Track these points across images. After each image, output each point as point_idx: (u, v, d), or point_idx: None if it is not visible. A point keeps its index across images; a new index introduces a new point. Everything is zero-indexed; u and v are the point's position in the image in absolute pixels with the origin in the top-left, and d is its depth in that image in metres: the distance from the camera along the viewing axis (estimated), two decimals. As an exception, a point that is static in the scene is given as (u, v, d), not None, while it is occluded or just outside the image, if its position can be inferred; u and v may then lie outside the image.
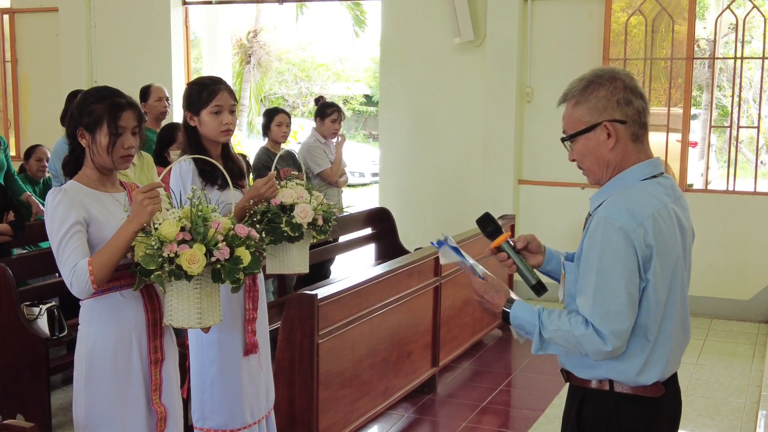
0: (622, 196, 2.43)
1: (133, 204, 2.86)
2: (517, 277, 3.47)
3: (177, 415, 3.17)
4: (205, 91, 3.55)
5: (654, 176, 2.49)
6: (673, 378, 2.58)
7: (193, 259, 2.73)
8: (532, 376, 6.09)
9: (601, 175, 2.52)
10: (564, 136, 2.57)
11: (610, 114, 2.46)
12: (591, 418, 2.52)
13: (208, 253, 2.77)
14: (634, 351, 2.43)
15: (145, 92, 6.79)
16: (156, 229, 2.78)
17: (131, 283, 2.90)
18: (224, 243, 2.81)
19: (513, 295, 2.58)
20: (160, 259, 2.72)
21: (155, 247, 2.73)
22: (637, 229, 2.34)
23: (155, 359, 3.05)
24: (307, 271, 3.72)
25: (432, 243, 2.75)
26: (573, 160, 2.59)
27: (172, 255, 2.72)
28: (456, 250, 2.65)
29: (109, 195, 3.00)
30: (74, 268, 2.81)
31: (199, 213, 2.82)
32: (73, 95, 5.91)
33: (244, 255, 2.85)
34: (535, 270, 2.71)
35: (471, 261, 2.68)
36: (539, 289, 2.64)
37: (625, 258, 2.33)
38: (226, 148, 3.68)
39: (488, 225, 2.71)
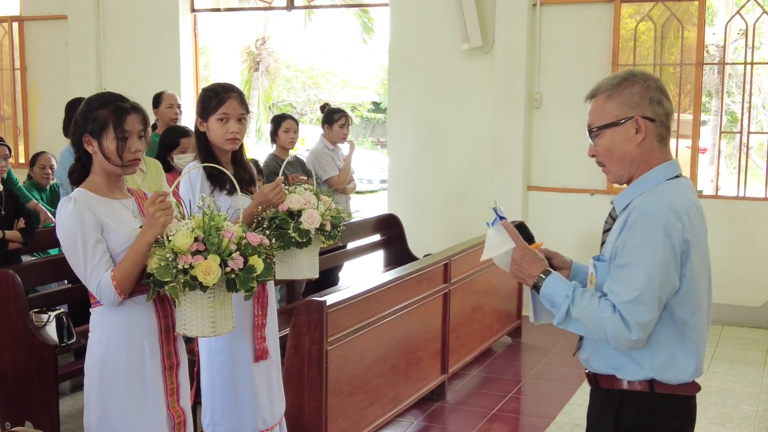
0: (657, 192, 2.46)
1: (146, 216, 2.86)
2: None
3: (189, 421, 3.16)
4: (214, 98, 3.57)
5: (677, 176, 2.54)
6: None
7: (209, 270, 2.72)
8: (542, 384, 6.06)
9: (623, 172, 2.54)
10: (591, 128, 2.57)
11: (642, 110, 2.50)
12: (630, 422, 2.52)
13: (223, 264, 2.76)
14: (676, 347, 2.46)
15: (158, 99, 6.84)
16: (169, 240, 2.76)
17: (143, 289, 2.89)
18: (238, 252, 2.80)
19: (551, 270, 2.57)
20: (175, 271, 2.72)
21: (169, 258, 2.72)
22: (676, 224, 2.38)
23: (170, 364, 3.04)
24: (316, 276, 3.70)
25: (496, 214, 2.70)
26: (593, 156, 2.59)
27: (186, 266, 2.72)
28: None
29: (117, 202, 2.99)
30: (99, 284, 2.85)
31: (212, 223, 2.82)
32: (72, 104, 5.89)
33: (258, 263, 2.85)
34: None
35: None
36: None
37: (662, 253, 2.36)
38: (237, 153, 3.68)
39: (522, 234, 2.72)
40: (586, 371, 2.64)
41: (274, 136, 6.66)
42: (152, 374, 2.99)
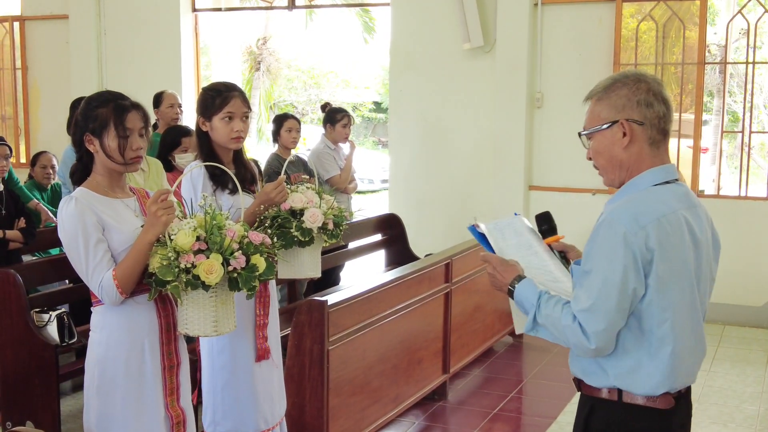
0: (630, 200, 2.43)
1: (147, 215, 2.85)
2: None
3: (190, 421, 3.15)
4: (218, 98, 3.55)
5: (667, 182, 2.47)
6: (686, 392, 2.54)
7: (211, 269, 2.72)
8: (543, 384, 6.05)
9: (613, 176, 2.51)
10: (581, 132, 2.56)
11: (629, 113, 2.44)
12: (599, 429, 2.50)
13: (225, 263, 2.76)
14: (641, 358, 2.41)
15: (158, 98, 6.83)
16: (171, 239, 2.76)
17: (144, 289, 2.89)
18: (240, 251, 2.79)
19: (526, 275, 2.57)
20: (177, 270, 2.71)
21: (171, 258, 2.72)
22: (638, 232, 2.33)
23: (170, 364, 3.03)
24: (319, 275, 3.69)
25: (473, 230, 2.77)
26: (590, 159, 2.58)
27: (188, 266, 2.71)
28: (482, 237, 2.72)
29: (119, 201, 2.99)
30: (101, 284, 2.84)
31: (214, 222, 2.81)
32: (76, 104, 5.89)
33: (260, 262, 2.85)
34: None
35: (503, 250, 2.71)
36: None
37: (621, 261, 2.32)
38: (238, 153, 3.67)
39: (544, 224, 2.82)
40: (573, 376, 2.63)
41: (276, 135, 6.66)
42: (152, 374, 2.98)
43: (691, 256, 2.44)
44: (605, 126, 2.46)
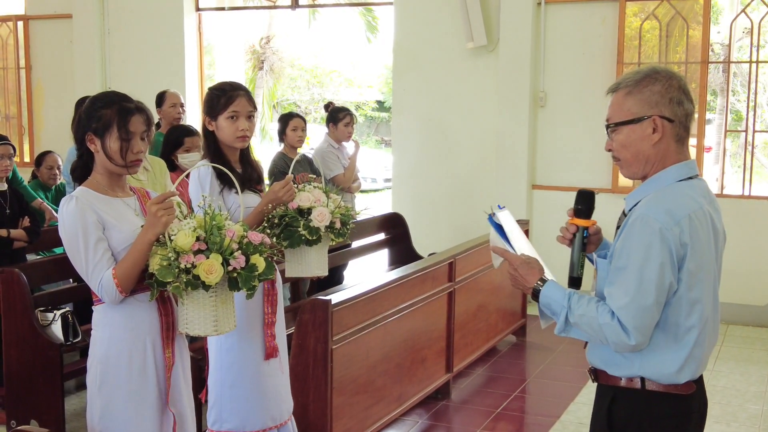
0: (660, 195, 2.45)
1: (147, 215, 2.86)
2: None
3: (189, 421, 3.16)
4: (223, 97, 3.57)
5: (690, 178, 2.51)
6: (700, 377, 2.59)
7: (211, 269, 2.73)
8: (546, 383, 6.05)
9: (637, 169, 2.53)
10: (608, 123, 2.56)
11: (661, 110, 2.47)
12: (622, 417, 2.54)
13: (225, 263, 2.77)
14: (668, 349, 2.45)
15: (161, 98, 6.84)
16: (171, 239, 2.77)
17: (145, 287, 2.90)
18: (239, 251, 2.80)
19: (548, 275, 2.59)
20: (177, 270, 2.72)
21: (171, 258, 2.73)
22: (673, 228, 2.37)
23: (172, 362, 3.05)
24: (326, 273, 3.71)
25: (488, 213, 2.76)
26: (609, 150, 2.59)
27: (188, 266, 2.72)
28: (499, 228, 2.70)
29: (119, 200, 3.00)
30: (101, 282, 2.86)
31: (213, 222, 2.82)
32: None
33: (259, 262, 2.86)
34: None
35: (515, 241, 2.70)
36: (575, 283, 2.65)
37: (658, 257, 2.35)
38: (244, 152, 3.68)
39: (582, 203, 2.65)
40: (589, 367, 2.66)
41: (282, 135, 6.65)
42: (154, 371, 3.00)
43: (713, 250, 2.51)
44: (635, 120, 2.48)
